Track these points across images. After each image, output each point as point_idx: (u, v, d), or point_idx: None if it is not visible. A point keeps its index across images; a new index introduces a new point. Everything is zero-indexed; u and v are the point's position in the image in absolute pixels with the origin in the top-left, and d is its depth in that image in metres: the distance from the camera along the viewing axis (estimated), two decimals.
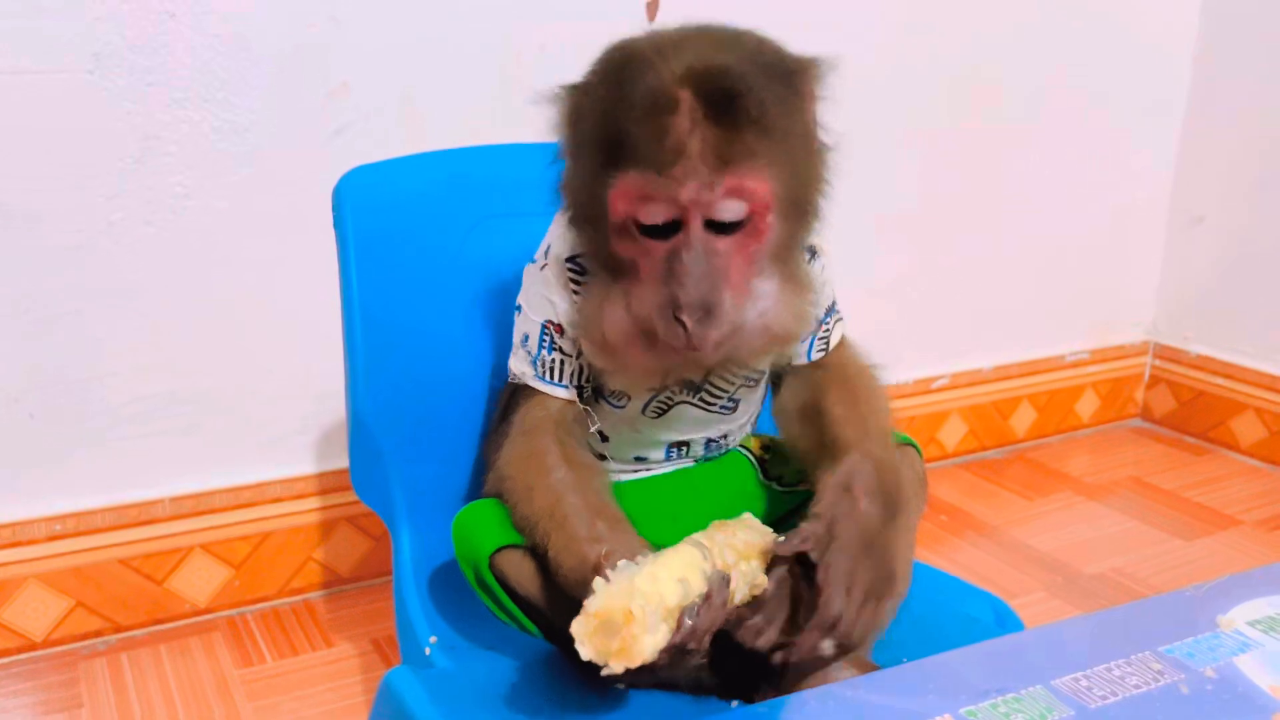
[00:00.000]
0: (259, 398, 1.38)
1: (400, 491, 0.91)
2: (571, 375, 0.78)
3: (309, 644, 1.36)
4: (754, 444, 0.88)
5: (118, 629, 1.37)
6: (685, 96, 0.64)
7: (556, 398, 0.78)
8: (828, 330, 0.82)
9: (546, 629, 0.78)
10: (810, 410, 0.80)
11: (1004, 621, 0.88)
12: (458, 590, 0.89)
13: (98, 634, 1.36)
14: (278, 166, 1.32)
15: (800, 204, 0.71)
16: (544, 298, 0.77)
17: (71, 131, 1.21)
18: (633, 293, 0.69)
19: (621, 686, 0.73)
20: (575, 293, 0.76)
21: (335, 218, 0.90)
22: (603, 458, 0.84)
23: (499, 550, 0.76)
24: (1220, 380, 2.02)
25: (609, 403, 0.80)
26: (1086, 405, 2.11)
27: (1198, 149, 2.02)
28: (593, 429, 0.81)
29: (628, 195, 0.66)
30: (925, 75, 1.74)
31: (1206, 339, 2.05)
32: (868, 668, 0.75)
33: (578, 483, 0.75)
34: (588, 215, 0.70)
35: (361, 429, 0.91)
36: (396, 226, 0.93)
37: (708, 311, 0.66)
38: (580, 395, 0.79)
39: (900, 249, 1.80)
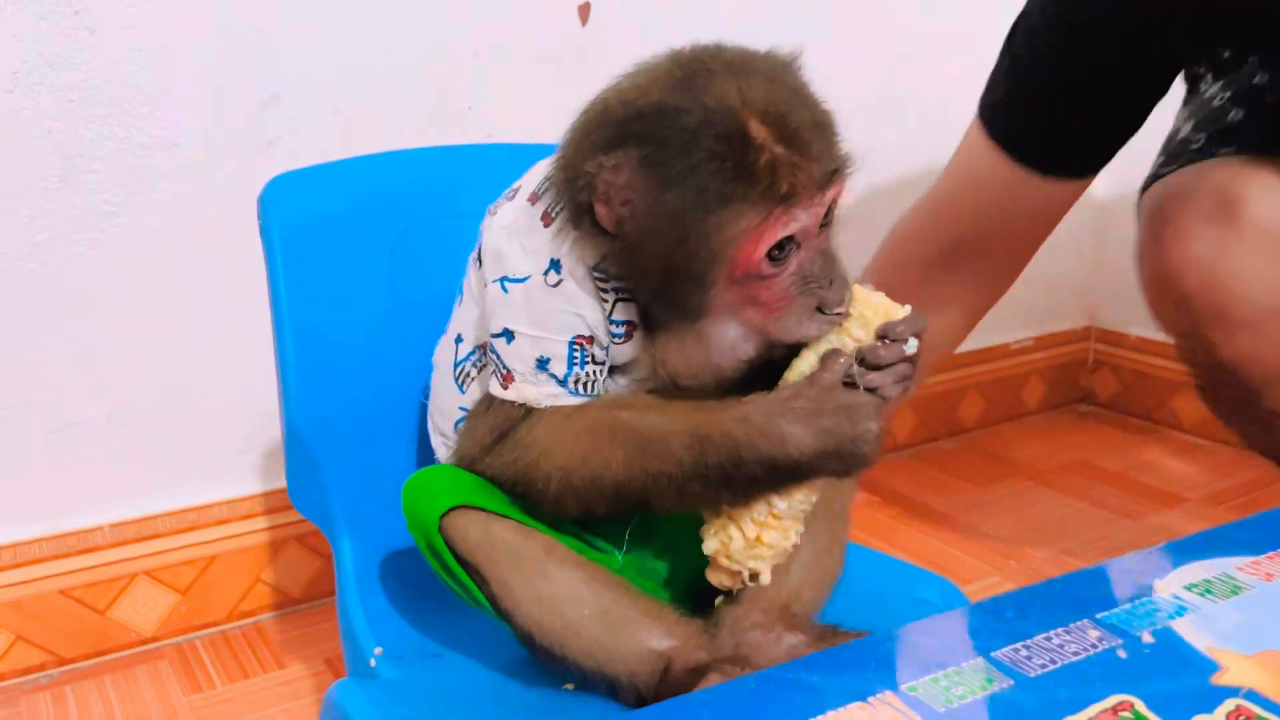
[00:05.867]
0: (199, 418, 1.36)
1: (339, 500, 0.90)
2: (597, 384, 0.77)
3: (260, 667, 1.34)
4: None
5: (61, 662, 1.33)
6: (768, 130, 0.69)
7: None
8: None
9: (492, 599, 0.76)
10: None
11: (951, 602, 0.89)
12: (403, 599, 0.88)
13: (41, 668, 1.32)
14: (209, 181, 1.29)
15: None
16: (568, 314, 0.75)
17: None
18: (756, 318, 0.74)
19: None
20: (618, 300, 0.76)
21: (261, 226, 0.89)
22: None
23: (449, 512, 0.74)
24: (1160, 361, 2.06)
25: None
26: (1033, 391, 2.14)
27: None
28: None
29: (758, 239, 0.70)
30: (853, 69, 1.76)
31: (1145, 321, 2.08)
32: (815, 630, 0.76)
33: (664, 404, 0.76)
34: (679, 270, 0.71)
35: (296, 439, 0.89)
36: (325, 233, 0.91)
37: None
38: None
39: (841, 244, 1.81)
